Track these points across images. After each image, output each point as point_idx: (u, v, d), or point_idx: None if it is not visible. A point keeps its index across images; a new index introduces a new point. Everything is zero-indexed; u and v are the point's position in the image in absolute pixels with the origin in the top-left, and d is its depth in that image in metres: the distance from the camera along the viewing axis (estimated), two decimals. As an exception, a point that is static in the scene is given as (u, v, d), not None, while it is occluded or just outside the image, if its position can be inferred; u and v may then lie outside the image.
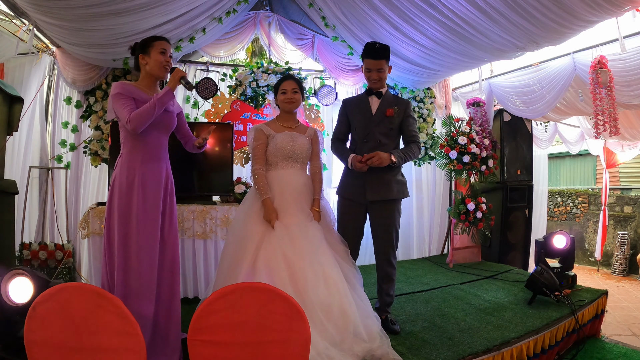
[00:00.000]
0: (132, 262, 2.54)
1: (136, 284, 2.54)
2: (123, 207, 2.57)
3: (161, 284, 2.68)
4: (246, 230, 2.92)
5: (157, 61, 2.66)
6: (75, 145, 4.66)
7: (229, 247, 3.01)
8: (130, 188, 2.58)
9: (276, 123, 3.18)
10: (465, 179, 5.56)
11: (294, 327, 1.89)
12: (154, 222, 2.64)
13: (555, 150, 10.36)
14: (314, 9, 4.94)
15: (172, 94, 2.59)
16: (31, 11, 3.55)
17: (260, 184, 2.99)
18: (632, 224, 8.64)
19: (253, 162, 3.06)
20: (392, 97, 3.32)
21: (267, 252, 2.79)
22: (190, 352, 1.87)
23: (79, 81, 4.52)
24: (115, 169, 2.67)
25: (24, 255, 4.06)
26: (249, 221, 2.96)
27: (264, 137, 3.08)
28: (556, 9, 3.39)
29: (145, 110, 2.50)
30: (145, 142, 2.64)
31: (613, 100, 4.12)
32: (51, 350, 1.88)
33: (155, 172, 2.68)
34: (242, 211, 3.11)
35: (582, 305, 3.80)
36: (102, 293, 1.90)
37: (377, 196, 3.18)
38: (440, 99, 6.12)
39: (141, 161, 2.62)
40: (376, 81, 3.24)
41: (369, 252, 5.78)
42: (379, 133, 3.22)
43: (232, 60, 5.49)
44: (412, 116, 3.32)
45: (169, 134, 2.85)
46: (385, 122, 3.22)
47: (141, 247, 2.56)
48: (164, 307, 2.70)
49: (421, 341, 3.07)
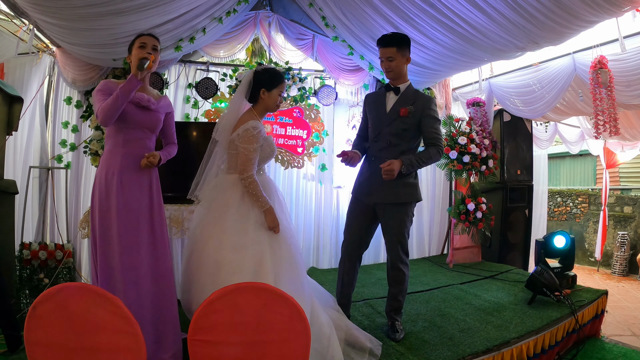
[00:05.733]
0: (114, 262, 2.53)
1: (120, 284, 2.52)
2: (103, 206, 2.57)
3: (153, 285, 2.66)
4: (250, 238, 2.68)
5: (135, 56, 2.63)
6: (76, 145, 4.65)
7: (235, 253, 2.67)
8: (109, 188, 2.57)
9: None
10: (465, 179, 5.57)
11: (294, 327, 1.89)
12: (135, 222, 2.61)
13: (555, 150, 10.36)
14: (314, 9, 4.94)
15: (135, 80, 2.50)
16: (31, 11, 3.55)
17: (260, 190, 2.71)
18: (632, 224, 8.64)
19: (249, 167, 2.71)
20: (411, 94, 3.12)
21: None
22: (190, 352, 1.87)
23: (79, 81, 4.51)
24: (98, 168, 2.67)
25: (24, 255, 4.06)
26: (250, 230, 2.70)
27: (261, 138, 2.78)
28: (556, 9, 3.38)
29: (109, 101, 2.46)
30: (126, 142, 2.63)
31: (613, 100, 4.12)
32: (51, 350, 1.88)
33: (136, 172, 2.65)
34: (235, 219, 2.73)
35: (582, 306, 3.80)
36: (102, 293, 1.90)
37: (380, 199, 3.12)
38: (440, 99, 6.11)
39: (121, 161, 2.60)
40: (387, 72, 3.11)
41: (370, 253, 5.81)
42: (390, 133, 3.09)
43: (232, 61, 5.49)
44: (433, 115, 3.08)
45: (155, 134, 2.81)
46: (397, 122, 3.07)
47: (123, 247, 2.54)
48: (158, 307, 2.67)
49: (421, 341, 3.08)
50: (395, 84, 3.15)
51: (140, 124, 2.67)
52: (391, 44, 3.03)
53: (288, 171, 5.51)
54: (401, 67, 3.10)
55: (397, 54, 3.04)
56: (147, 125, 2.72)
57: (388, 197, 3.09)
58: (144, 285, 2.61)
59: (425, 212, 6.42)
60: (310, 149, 5.38)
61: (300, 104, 5.36)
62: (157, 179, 2.81)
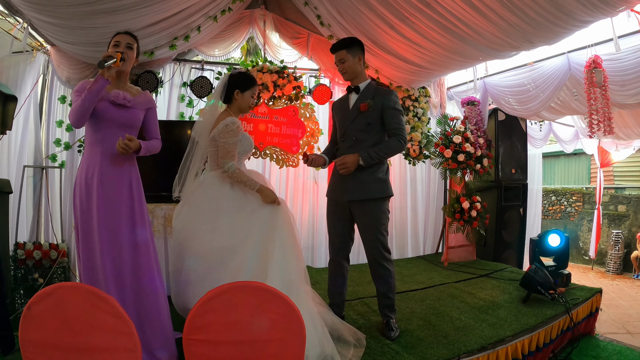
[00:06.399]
0: (96, 262, 2.52)
1: (103, 284, 2.50)
2: (84, 206, 2.55)
3: (138, 285, 2.64)
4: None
5: None
6: (70, 144, 4.63)
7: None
8: (90, 187, 2.55)
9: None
10: (460, 177, 5.58)
11: (289, 326, 1.89)
12: (117, 220, 2.59)
13: (549, 149, 10.40)
14: (309, 8, 4.93)
15: (101, 79, 2.45)
16: (25, 9, 3.53)
17: (246, 175, 2.89)
18: (626, 223, 8.69)
19: (228, 158, 2.87)
20: (371, 90, 3.24)
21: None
22: (185, 351, 1.87)
23: (73, 79, 4.48)
24: (78, 168, 2.66)
25: (18, 255, 4.03)
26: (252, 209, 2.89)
27: (240, 133, 2.95)
28: (551, 8, 3.39)
29: (78, 102, 2.44)
30: (103, 141, 2.60)
31: (607, 99, 4.14)
32: (46, 350, 1.87)
33: (116, 170, 2.63)
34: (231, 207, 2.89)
35: (576, 304, 3.82)
36: (97, 292, 1.89)
37: (352, 196, 3.16)
38: (435, 97, 6.13)
39: (100, 160, 2.58)
40: (343, 73, 3.25)
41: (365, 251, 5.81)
42: (355, 130, 3.20)
43: (227, 59, 5.48)
44: (394, 107, 3.17)
45: (135, 131, 2.78)
46: (360, 118, 3.18)
47: (104, 247, 2.53)
48: (141, 305, 2.64)
49: (416, 339, 3.09)
50: (355, 83, 3.29)
51: (117, 121, 2.64)
52: (340, 48, 3.20)
53: (283, 170, 5.51)
54: (355, 67, 3.23)
55: (347, 55, 3.19)
56: (124, 122, 2.68)
57: (359, 194, 3.14)
58: (126, 284, 2.59)
59: (420, 211, 6.44)
60: (305, 147, 5.37)
61: (295, 103, 5.35)
62: (138, 177, 2.78)
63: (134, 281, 2.63)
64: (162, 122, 4.75)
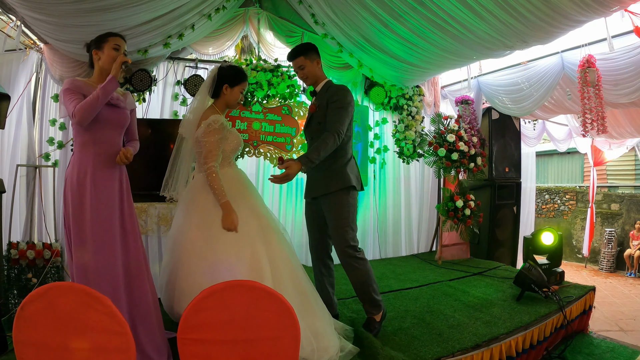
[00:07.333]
0: (90, 262, 2.50)
1: (95, 285, 2.49)
2: (76, 206, 2.54)
3: (130, 285, 2.63)
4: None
5: (109, 56, 2.62)
6: (63, 142, 4.61)
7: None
8: (82, 187, 2.53)
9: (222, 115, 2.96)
10: (453, 176, 5.59)
11: (283, 325, 1.89)
12: (109, 220, 2.59)
13: (543, 148, 10.42)
14: (304, 6, 4.92)
15: (115, 82, 2.50)
16: (19, 7, 3.51)
17: (219, 183, 2.72)
18: (619, 221, 8.74)
19: (210, 159, 2.74)
20: (324, 90, 3.20)
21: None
22: (180, 350, 1.87)
23: (66, 78, 4.44)
24: (68, 168, 2.64)
25: (11, 255, 4.01)
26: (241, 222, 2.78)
27: (224, 130, 2.83)
28: (545, 8, 3.40)
29: (89, 101, 2.44)
30: (96, 140, 2.60)
31: (601, 99, 4.16)
32: (40, 350, 1.86)
33: (108, 171, 2.63)
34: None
35: (570, 302, 3.84)
36: (91, 292, 1.88)
37: (316, 192, 3.21)
38: (429, 96, 6.14)
39: (93, 159, 2.57)
40: (304, 79, 3.27)
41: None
42: (311, 131, 3.24)
43: (221, 58, 5.46)
44: (334, 102, 3.06)
45: (123, 132, 2.80)
46: (313, 120, 3.23)
47: (97, 246, 2.52)
48: (138, 307, 2.64)
49: (410, 337, 3.09)
50: (316, 87, 3.30)
51: (111, 121, 2.65)
52: (297, 55, 3.18)
53: (277, 168, 5.49)
54: (314, 72, 3.23)
55: (305, 60, 3.18)
56: (117, 122, 2.70)
57: (320, 189, 3.16)
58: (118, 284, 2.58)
59: (414, 209, 6.45)
60: (299, 146, 5.36)
61: (289, 102, 5.35)
62: (127, 178, 2.79)
63: (126, 281, 2.62)
64: (156, 120, 4.77)
